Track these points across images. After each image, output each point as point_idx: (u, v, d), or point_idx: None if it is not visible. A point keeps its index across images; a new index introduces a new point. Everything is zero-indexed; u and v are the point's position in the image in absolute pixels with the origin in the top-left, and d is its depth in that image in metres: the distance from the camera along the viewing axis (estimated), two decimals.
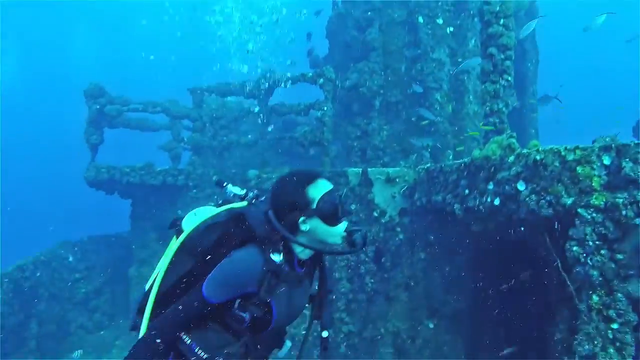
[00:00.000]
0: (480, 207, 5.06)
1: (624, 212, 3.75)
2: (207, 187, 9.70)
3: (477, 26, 9.55)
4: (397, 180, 7.45)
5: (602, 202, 3.85)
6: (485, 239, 5.77)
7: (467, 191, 5.45)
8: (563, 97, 10.66)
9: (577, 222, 3.97)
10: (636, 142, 3.78)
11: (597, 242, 3.90)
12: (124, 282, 10.57)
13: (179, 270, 2.31)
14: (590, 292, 3.94)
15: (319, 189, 2.28)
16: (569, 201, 4.01)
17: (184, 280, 2.29)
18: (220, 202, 2.58)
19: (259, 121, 9.62)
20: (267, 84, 9.09)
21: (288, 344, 2.67)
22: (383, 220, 7.50)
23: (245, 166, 9.57)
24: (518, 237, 4.97)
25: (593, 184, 3.92)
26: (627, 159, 3.78)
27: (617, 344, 3.82)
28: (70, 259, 10.50)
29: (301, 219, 2.25)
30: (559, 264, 4.17)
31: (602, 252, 3.89)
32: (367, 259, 7.48)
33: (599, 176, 3.93)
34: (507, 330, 5.97)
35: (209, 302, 2.15)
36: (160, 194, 9.93)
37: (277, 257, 2.23)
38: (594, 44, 40.43)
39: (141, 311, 2.28)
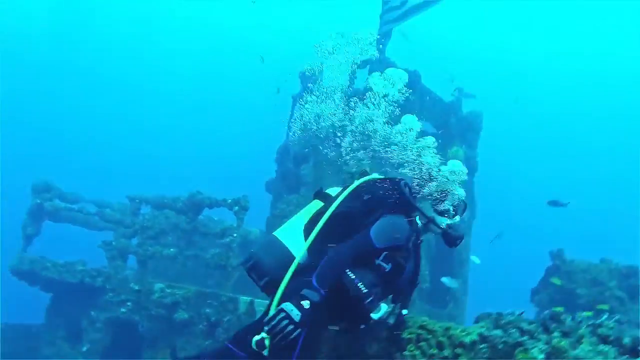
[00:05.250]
0: None
1: None
2: (122, 294, 9.71)
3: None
4: None
5: None
6: None
7: None
8: None
9: None
10: None
11: None
12: None
13: (344, 207, 3.18)
14: None
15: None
16: None
17: (344, 217, 3.13)
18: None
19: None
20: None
21: (384, 307, 3.05)
22: None
23: (162, 277, 9.84)
24: None
25: None
26: None
27: None
28: None
29: None
30: None
31: None
32: None
33: None
34: None
35: (374, 245, 2.90)
36: (76, 293, 10.07)
37: (419, 222, 3.15)
38: None
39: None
